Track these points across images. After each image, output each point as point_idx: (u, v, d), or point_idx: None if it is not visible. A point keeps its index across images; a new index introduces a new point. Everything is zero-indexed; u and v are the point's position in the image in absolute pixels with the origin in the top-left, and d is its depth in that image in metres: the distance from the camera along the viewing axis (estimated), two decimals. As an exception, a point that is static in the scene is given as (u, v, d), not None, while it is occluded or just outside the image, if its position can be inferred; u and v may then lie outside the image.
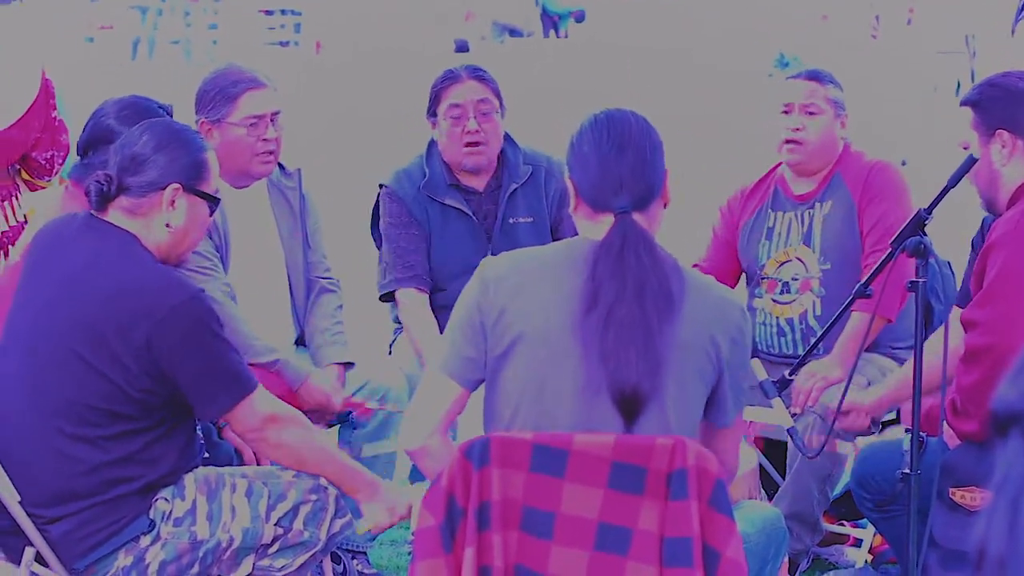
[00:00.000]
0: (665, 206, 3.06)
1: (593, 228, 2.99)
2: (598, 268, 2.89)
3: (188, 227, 3.48)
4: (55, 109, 4.62)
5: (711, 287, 3.04)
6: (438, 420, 3.03)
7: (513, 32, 29.98)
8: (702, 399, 2.98)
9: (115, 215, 3.45)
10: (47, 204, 4.33)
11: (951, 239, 5.06)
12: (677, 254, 3.02)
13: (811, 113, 4.66)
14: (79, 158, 4.12)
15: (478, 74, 4.74)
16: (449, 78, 4.73)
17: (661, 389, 2.87)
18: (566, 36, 28.99)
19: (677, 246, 3.18)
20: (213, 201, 3.54)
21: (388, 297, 4.81)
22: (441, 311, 4.50)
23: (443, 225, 4.75)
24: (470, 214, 4.77)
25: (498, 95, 4.74)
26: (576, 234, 3.08)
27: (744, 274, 4.87)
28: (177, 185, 3.44)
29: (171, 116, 4.01)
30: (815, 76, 4.74)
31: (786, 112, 4.68)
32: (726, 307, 3.00)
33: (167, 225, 3.45)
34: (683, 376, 2.91)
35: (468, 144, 4.71)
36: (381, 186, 4.84)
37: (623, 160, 2.96)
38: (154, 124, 3.55)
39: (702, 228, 4.99)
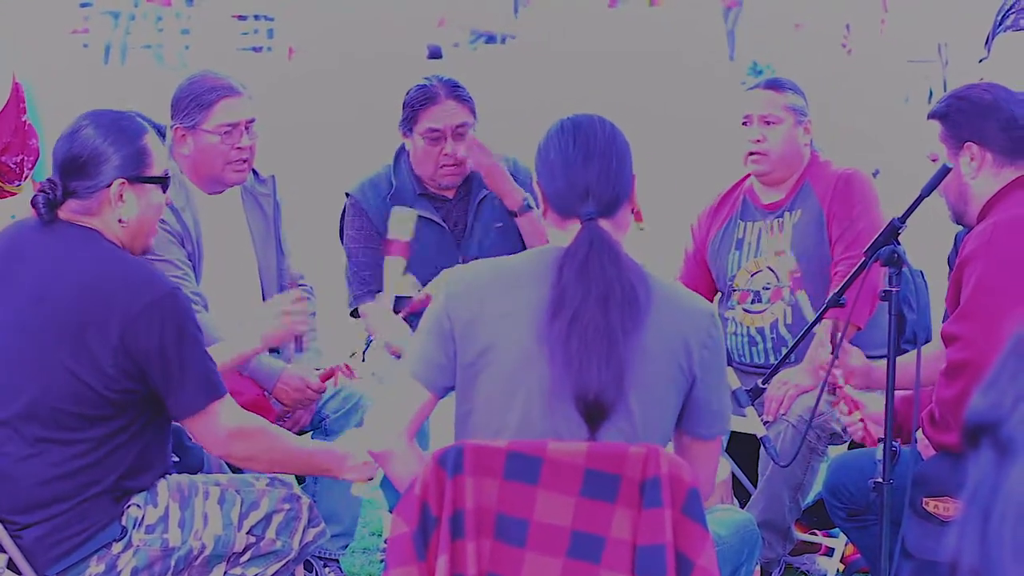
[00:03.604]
0: (633, 211, 3.05)
1: (561, 235, 2.99)
2: (563, 275, 2.89)
3: (142, 216, 3.43)
4: (25, 113, 4.60)
5: (679, 295, 3.03)
6: (404, 424, 3.02)
7: (489, 39, 30.00)
8: (674, 408, 2.98)
9: (70, 218, 3.41)
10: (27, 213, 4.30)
11: (925, 248, 5.08)
12: (651, 264, 3.01)
13: (769, 123, 4.64)
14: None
15: (456, 93, 4.69)
16: (427, 98, 4.68)
17: (625, 397, 2.87)
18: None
19: (651, 254, 3.17)
20: (163, 182, 3.48)
21: (357, 313, 4.82)
22: (413, 317, 4.50)
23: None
24: (440, 222, 4.76)
25: (474, 112, 4.72)
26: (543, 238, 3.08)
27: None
28: (121, 180, 3.39)
29: (162, 134, 3.91)
30: (772, 85, 4.72)
31: (745, 124, 4.68)
32: (695, 314, 2.99)
33: (120, 220, 3.41)
34: (650, 384, 2.91)
35: (445, 165, 4.70)
36: (347, 195, 4.83)
37: (590, 168, 2.96)
38: (88, 119, 3.43)
39: (678, 234, 4.99)
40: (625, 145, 3.03)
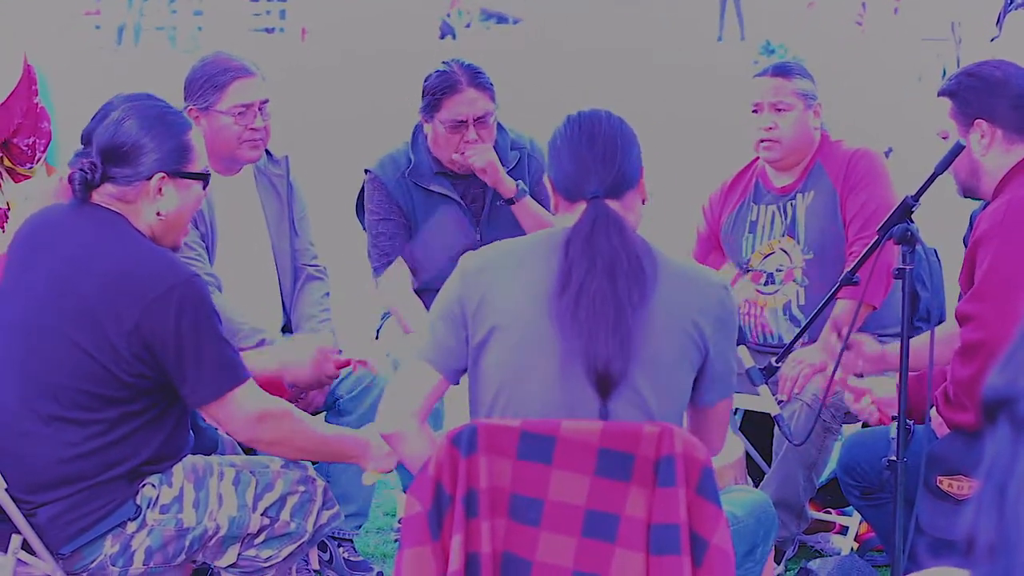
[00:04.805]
0: (644, 202, 3.07)
1: (569, 218, 3.02)
2: (570, 250, 2.92)
3: (181, 210, 3.44)
4: (37, 95, 4.60)
5: (689, 269, 3.05)
6: (415, 406, 3.05)
7: (500, 19, 29.96)
8: (688, 382, 2.99)
9: (103, 200, 3.41)
10: (40, 192, 4.30)
11: (938, 226, 5.07)
12: (663, 245, 3.01)
13: (780, 110, 4.64)
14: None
15: (478, 81, 4.66)
16: (448, 86, 4.64)
17: (634, 366, 2.88)
18: None
19: (662, 237, 3.17)
20: (203, 178, 3.49)
21: None
22: (429, 294, 4.50)
23: (429, 210, 4.75)
24: (457, 199, 4.76)
25: (494, 98, 4.70)
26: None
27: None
28: (162, 174, 3.40)
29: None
30: (780, 71, 4.72)
31: (756, 111, 4.68)
32: (706, 287, 3.00)
33: (158, 213, 3.41)
34: (662, 358, 2.92)
35: (464, 152, 4.68)
36: (366, 171, 4.84)
37: (594, 149, 3.01)
38: (133, 109, 3.43)
39: (682, 227, 5.01)
40: (632, 135, 3.07)
